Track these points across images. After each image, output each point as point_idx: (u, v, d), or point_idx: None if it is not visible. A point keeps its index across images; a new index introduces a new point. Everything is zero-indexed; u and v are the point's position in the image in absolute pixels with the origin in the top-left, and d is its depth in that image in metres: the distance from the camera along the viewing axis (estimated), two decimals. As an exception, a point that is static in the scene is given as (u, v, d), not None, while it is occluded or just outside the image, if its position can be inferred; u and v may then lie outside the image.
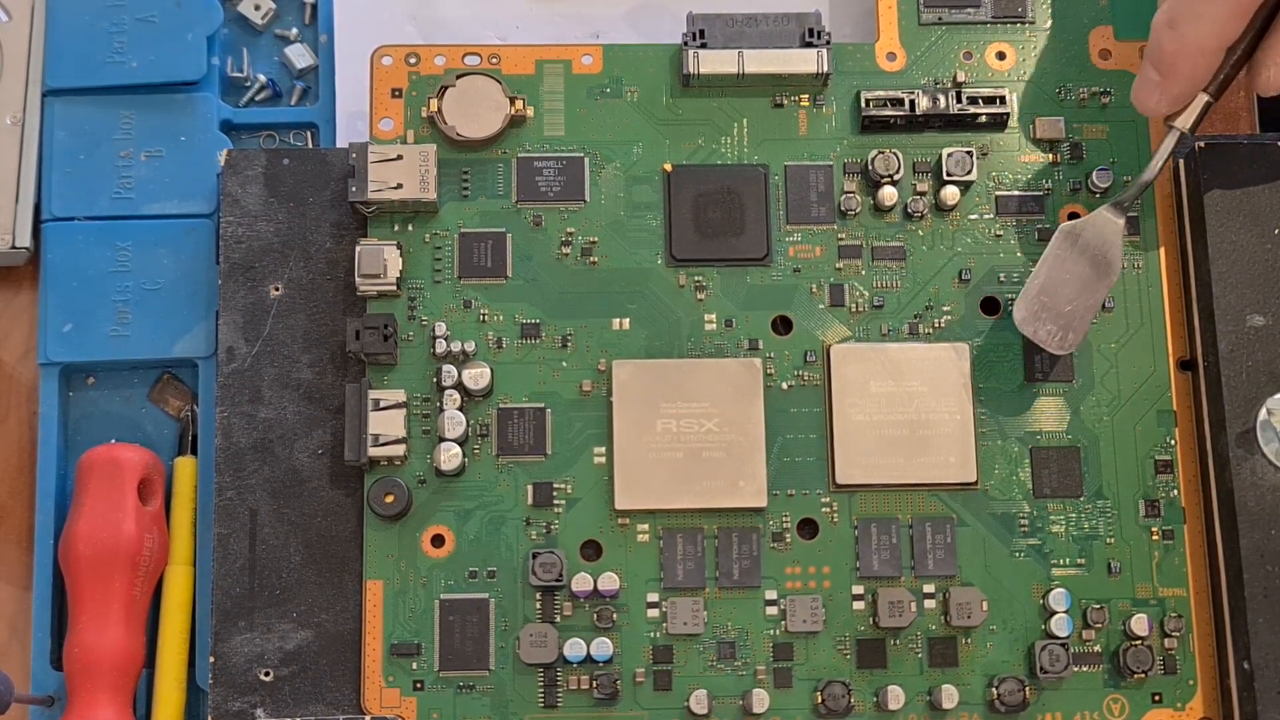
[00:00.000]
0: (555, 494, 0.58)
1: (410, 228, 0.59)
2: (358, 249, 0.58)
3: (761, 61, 0.60)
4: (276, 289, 0.59)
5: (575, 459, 0.58)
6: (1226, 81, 0.56)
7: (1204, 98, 0.56)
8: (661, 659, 0.57)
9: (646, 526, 0.58)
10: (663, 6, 0.65)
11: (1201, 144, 0.59)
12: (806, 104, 0.61)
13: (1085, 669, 0.57)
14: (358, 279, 0.58)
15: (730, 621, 0.57)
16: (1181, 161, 0.60)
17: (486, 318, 0.59)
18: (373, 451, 0.57)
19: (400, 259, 0.58)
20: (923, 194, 0.60)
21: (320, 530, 0.58)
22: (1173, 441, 0.59)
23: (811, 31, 0.60)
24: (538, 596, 0.57)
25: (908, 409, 0.58)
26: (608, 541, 0.58)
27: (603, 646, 0.56)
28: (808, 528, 0.58)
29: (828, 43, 0.60)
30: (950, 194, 0.60)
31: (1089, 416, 0.59)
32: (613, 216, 0.60)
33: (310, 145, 0.64)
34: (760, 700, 0.56)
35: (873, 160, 0.60)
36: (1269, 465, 0.56)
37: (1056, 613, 0.57)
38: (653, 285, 0.59)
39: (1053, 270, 0.58)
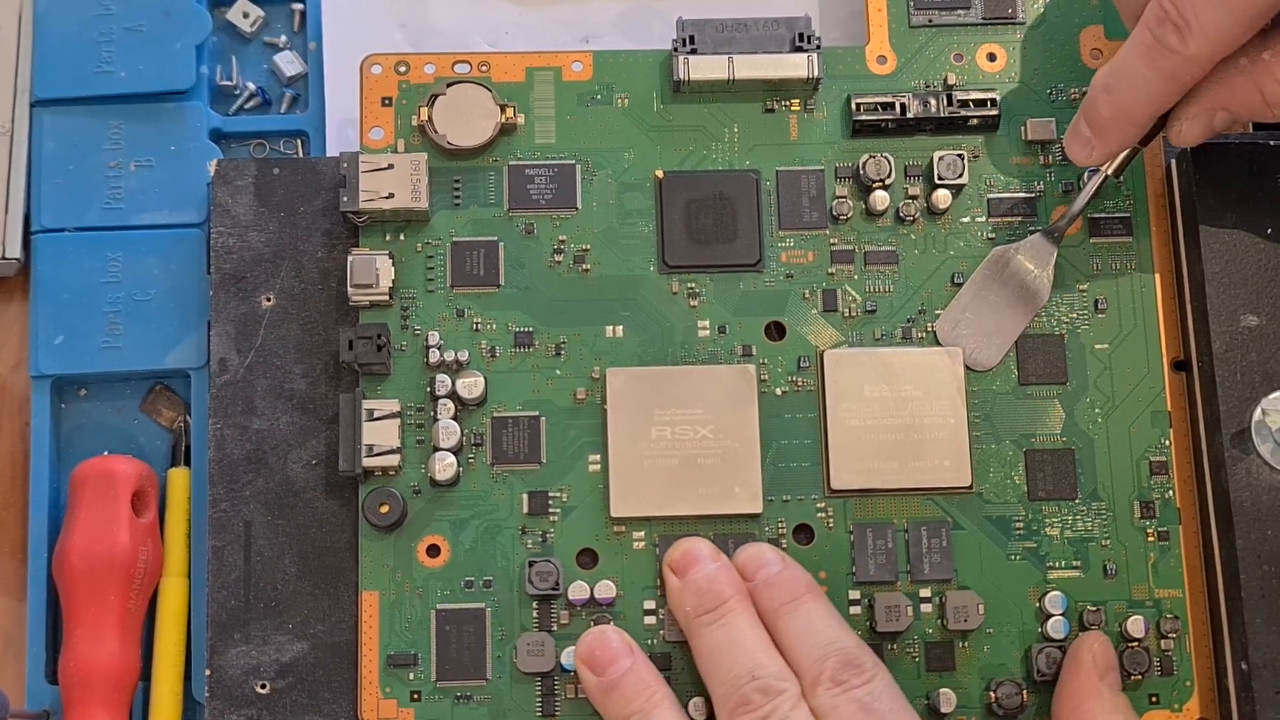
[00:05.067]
0: (550, 502, 0.58)
1: (402, 237, 0.59)
2: (350, 259, 0.58)
3: (752, 66, 0.60)
4: (268, 299, 0.59)
5: (570, 467, 0.58)
6: (1155, 132, 0.57)
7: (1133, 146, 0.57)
8: (659, 666, 0.56)
9: (642, 534, 0.57)
10: (652, 11, 0.64)
11: (1194, 144, 0.59)
12: (797, 109, 0.61)
13: (1082, 671, 0.57)
14: (350, 289, 0.58)
15: (727, 628, 0.57)
16: (1174, 162, 0.60)
17: (479, 327, 0.59)
18: (367, 462, 0.57)
19: (392, 268, 0.58)
20: (914, 198, 0.60)
21: (315, 541, 0.57)
22: (1167, 442, 0.59)
23: (801, 36, 0.60)
24: (534, 605, 0.57)
25: (902, 413, 0.58)
26: (604, 549, 0.57)
27: (600, 655, 0.56)
28: (803, 533, 0.58)
29: (818, 47, 0.60)
30: (942, 197, 0.60)
31: (1083, 418, 0.59)
32: (605, 224, 0.60)
33: (300, 153, 0.64)
34: (758, 707, 0.56)
35: (864, 164, 0.60)
36: (1264, 465, 0.56)
37: (1053, 615, 0.57)
38: (645, 292, 0.59)
39: (980, 291, 0.59)
